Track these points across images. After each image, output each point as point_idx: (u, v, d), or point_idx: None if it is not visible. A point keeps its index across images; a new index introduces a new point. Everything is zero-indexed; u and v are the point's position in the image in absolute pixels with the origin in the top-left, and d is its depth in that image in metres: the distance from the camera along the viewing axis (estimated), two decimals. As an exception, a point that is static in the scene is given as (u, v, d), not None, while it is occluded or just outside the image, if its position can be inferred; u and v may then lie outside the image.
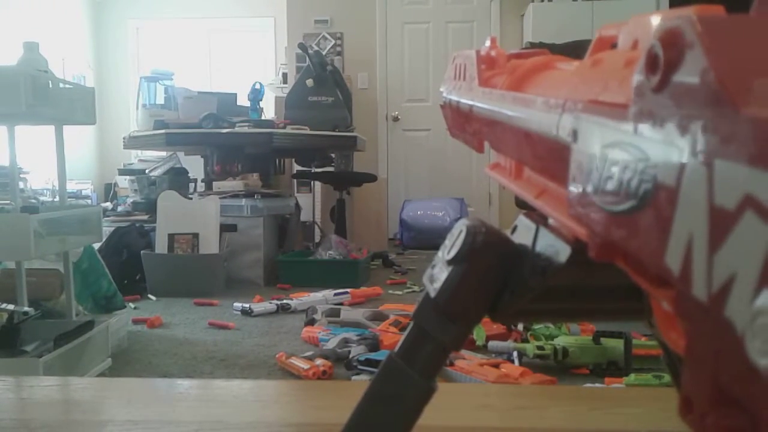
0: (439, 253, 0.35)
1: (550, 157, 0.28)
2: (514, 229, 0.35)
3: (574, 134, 0.23)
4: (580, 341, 2.07)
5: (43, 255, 1.72)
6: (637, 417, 0.67)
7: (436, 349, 0.34)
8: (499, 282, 0.33)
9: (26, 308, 1.72)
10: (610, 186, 0.20)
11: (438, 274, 0.34)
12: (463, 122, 0.44)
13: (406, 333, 0.35)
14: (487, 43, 0.42)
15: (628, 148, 0.19)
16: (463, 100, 0.43)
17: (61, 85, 1.75)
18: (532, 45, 3.67)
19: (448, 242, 0.35)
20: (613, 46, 0.29)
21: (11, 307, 1.67)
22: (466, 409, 0.64)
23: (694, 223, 0.15)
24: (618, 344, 2.02)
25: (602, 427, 0.65)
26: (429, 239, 5.32)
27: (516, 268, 0.33)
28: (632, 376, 1.91)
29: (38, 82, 1.61)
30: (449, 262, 0.33)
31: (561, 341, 2.06)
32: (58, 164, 1.80)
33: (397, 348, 0.35)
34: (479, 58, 0.41)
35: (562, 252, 0.29)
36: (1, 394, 0.68)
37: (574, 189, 0.23)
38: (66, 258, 1.79)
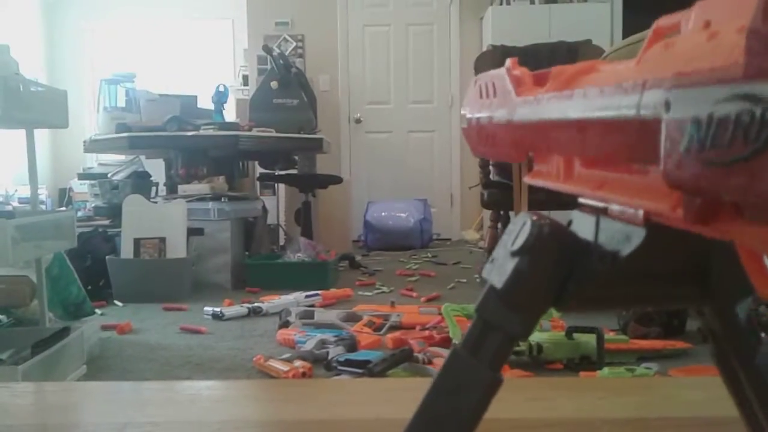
0: (500, 247, 0.36)
1: (619, 140, 0.29)
2: (570, 223, 0.37)
3: (667, 105, 0.24)
4: (554, 337, 2.11)
5: (19, 261, 1.69)
6: (643, 405, 0.70)
7: (503, 340, 0.35)
8: (563, 272, 0.34)
9: (-3, 316, 1.68)
10: (722, 141, 0.21)
11: (502, 266, 0.35)
12: (494, 138, 0.46)
13: (470, 326, 0.36)
14: (508, 63, 0.44)
15: (743, 99, 0.20)
16: (497, 114, 0.44)
17: (33, 88, 1.71)
18: (494, 48, 3.71)
19: (508, 236, 0.36)
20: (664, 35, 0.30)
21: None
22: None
23: None
24: (590, 339, 2.06)
25: (610, 416, 0.67)
26: (393, 240, 5.33)
27: (580, 258, 0.34)
28: (606, 370, 1.95)
29: (9, 85, 1.57)
30: (514, 254, 0.34)
31: (535, 337, 2.10)
32: (29, 169, 1.76)
33: (462, 341, 0.36)
34: (511, 75, 0.43)
35: (634, 235, 0.31)
36: None
37: (670, 157, 0.24)
38: (39, 264, 1.76)
